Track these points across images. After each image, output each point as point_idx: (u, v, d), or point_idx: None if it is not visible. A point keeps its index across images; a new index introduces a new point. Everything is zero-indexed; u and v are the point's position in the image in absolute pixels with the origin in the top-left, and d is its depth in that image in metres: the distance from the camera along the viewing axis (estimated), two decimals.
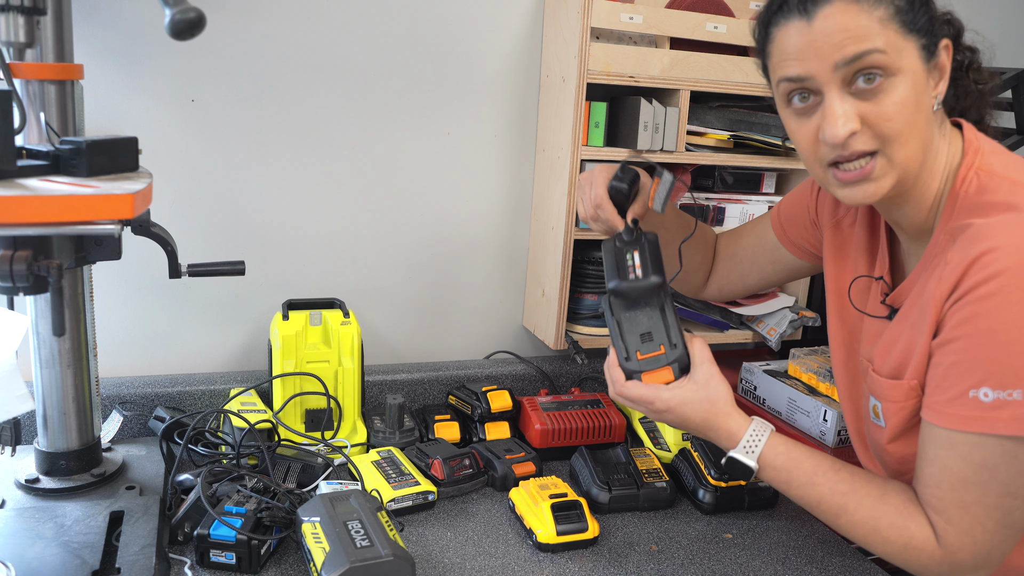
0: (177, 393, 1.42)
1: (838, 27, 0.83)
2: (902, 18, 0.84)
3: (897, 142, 0.85)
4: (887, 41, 0.83)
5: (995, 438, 0.81)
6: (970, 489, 0.84)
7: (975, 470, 0.83)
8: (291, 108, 1.46)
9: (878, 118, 0.84)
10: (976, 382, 0.81)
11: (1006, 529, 0.85)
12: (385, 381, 1.54)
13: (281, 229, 1.51)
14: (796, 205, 1.18)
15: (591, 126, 1.46)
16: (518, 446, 1.38)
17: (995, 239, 0.80)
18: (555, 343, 1.53)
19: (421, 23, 1.51)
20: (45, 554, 0.96)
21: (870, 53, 0.82)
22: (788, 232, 1.20)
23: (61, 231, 0.87)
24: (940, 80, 0.88)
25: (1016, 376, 0.79)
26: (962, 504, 0.85)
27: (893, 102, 0.84)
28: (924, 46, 0.85)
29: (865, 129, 0.85)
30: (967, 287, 0.81)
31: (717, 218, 1.59)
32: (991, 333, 0.80)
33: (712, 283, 1.33)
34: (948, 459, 0.85)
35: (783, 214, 1.21)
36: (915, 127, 0.85)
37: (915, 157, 0.87)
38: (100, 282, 1.36)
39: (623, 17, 1.41)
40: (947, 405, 0.84)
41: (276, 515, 1.07)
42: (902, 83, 0.84)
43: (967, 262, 0.81)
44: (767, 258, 1.25)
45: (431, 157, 1.57)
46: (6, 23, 0.95)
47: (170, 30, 0.88)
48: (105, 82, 1.34)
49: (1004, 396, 0.80)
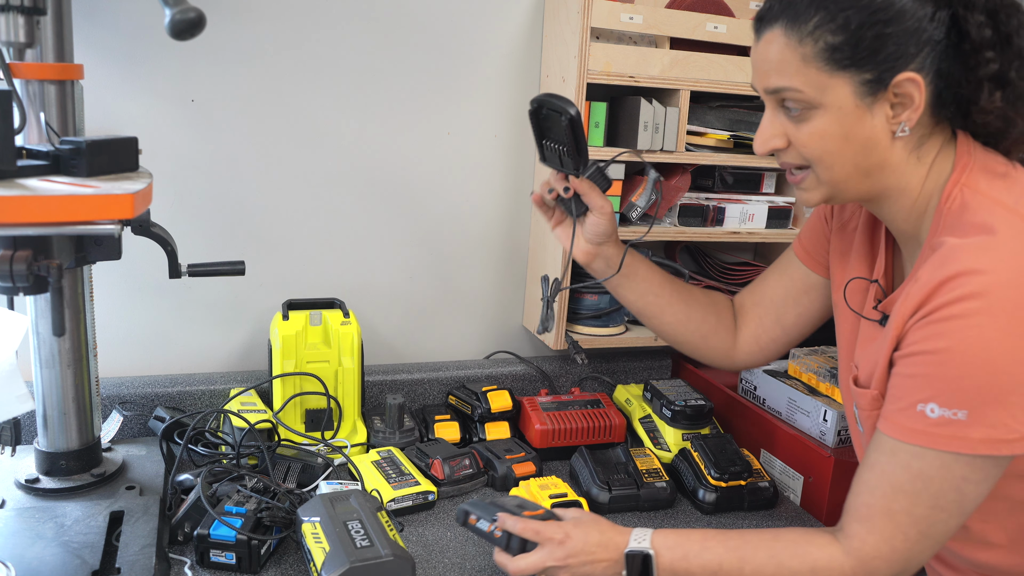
0: (177, 393, 1.42)
1: (765, 56, 0.90)
2: (833, 55, 0.86)
3: (820, 166, 0.91)
4: (806, 80, 0.87)
5: (935, 452, 0.84)
6: (900, 498, 0.86)
7: (910, 479, 0.85)
8: (291, 108, 1.46)
9: (798, 142, 0.91)
10: (926, 397, 0.83)
11: (927, 540, 0.87)
12: (385, 381, 1.54)
13: (281, 229, 1.51)
14: (815, 223, 1.18)
15: (591, 126, 1.46)
16: (518, 446, 1.38)
17: (966, 263, 0.81)
18: (555, 343, 1.53)
19: (421, 23, 1.50)
20: (45, 554, 0.96)
21: (785, 90, 0.89)
22: (812, 253, 1.17)
23: (61, 231, 0.87)
24: (906, 109, 0.87)
25: (964, 398, 0.81)
26: (889, 512, 0.87)
27: (809, 133, 0.89)
28: (867, 80, 0.86)
29: (791, 148, 0.92)
30: (932, 307, 0.83)
31: (717, 218, 1.59)
32: (948, 353, 0.82)
33: (743, 340, 1.25)
34: (888, 465, 0.87)
35: (804, 237, 1.19)
36: (841, 155, 0.89)
37: (846, 180, 0.91)
38: (100, 282, 1.36)
39: (623, 17, 1.41)
40: (896, 415, 0.87)
41: (276, 515, 1.07)
42: (823, 117, 0.88)
43: (935, 283, 0.83)
44: (799, 288, 1.19)
45: (431, 157, 1.57)
46: (6, 23, 0.95)
47: (170, 30, 0.88)
48: (105, 82, 1.34)
49: (949, 415, 0.82)
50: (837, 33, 0.85)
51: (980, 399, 0.81)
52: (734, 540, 0.95)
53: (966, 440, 0.82)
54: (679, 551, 0.95)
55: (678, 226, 1.57)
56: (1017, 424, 0.81)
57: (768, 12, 0.90)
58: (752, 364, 1.26)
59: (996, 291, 0.79)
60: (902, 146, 0.91)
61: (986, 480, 0.85)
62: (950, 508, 0.85)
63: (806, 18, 0.86)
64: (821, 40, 0.86)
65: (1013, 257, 0.81)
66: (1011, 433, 0.81)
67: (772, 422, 1.42)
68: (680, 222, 1.57)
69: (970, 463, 0.83)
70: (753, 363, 1.26)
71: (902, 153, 0.91)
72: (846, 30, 0.85)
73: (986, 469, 0.84)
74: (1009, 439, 0.81)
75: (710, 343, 1.25)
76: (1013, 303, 0.79)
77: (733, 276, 1.67)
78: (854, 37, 0.85)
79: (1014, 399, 0.80)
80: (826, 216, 1.15)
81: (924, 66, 0.86)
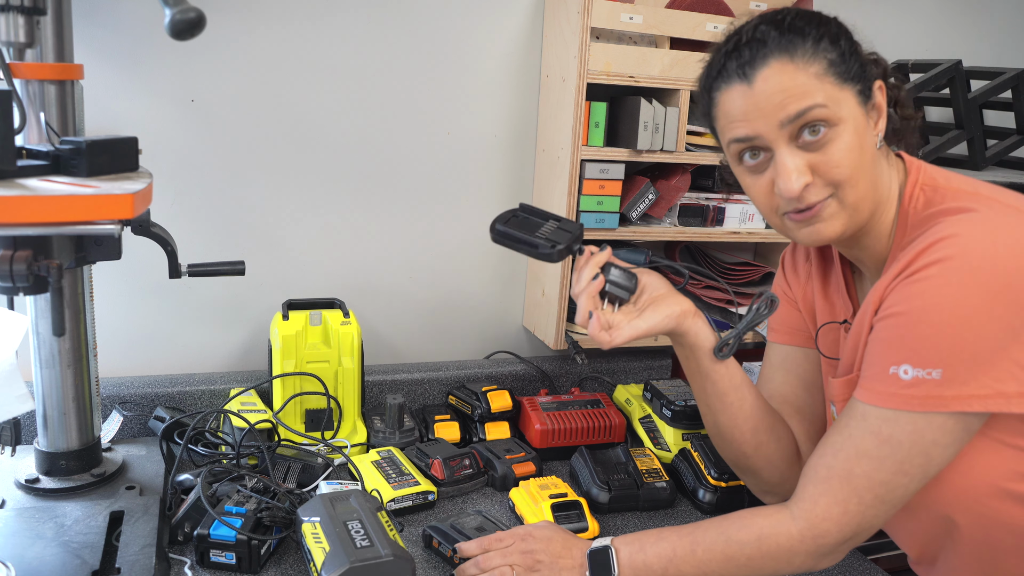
0: (177, 393, 1.42)
1: (778, 88, 0.87)
2: (836, 70, 0.88)
3: (847, 185, 0.89)
4: (826, 95, 0.87)
5: (907, 414, 0.84)
6: (863, 462, 0.86)
7: (878, 444, 0.85)
8: (291, 108, 1.46)
9: (827, 167, 0.88)
10: (900, 359, 0.83)
11: (883, 504, 0.87)
12: (385, 381, 1.54)
13: (281, 229, 1.51)
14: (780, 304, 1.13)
15: (591, 126, 1.46)
16: (518, 446, 1.38)
17: (950, 230, 0.83)
18: (555, 343, 1.53)
19: (421, 23, 1.51)
20: (45, 554, 0.96)
21: (812, 108, 0.86)
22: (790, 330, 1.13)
23: (61, 231, 0.87)
24: (879, 118, 0.91)
25: (939, 356, 0.81)
26: (848, 475, 0.87)
27: (839, 149, 0.88)
28: (860, 91, 0.89)
29: (816, 179, 0.89)
30: (913, 268, 0.83)
31: (717, 218, 1.59)
32: (923, 311, 0.82)
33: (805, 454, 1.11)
34: (856, 429, 0.87)
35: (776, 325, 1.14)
36: (862, 169, 0.89)
37: (866, 196, 0.91)
38: (100, 282, 1.36)
39: (623, 17, 1.41)
40: (869, 380, 0.87)
41: (276, 515, 1.07)
42: (845, 131, 0.88)
43: (919, 249, 0.84)
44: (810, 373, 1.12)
45: (431, 157, 1.57)
46: (6, 23, 0.95)
47: (170, 30, 0.88)
48: (105, 82, 1.34)
49: (923, 374, 0.82)
50: (831, 50, 0.88)
51: (954, 357, 0.81)
52: (688, 528, 0.97)
53: (940, 399, 0.82)
54: (636, 544, 0.97)
55: (678, 226, 1.57)
56: (991, 380, 0.81)
57: (755, 54, 0.88)
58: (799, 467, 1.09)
59: (972, 250, 0.80)
60: (882, 155, 0.94)
61: (954, 444, 0.85)
62: (913, 472, 0.85)
63: (801, 40, 0.88)
64: (823, 57, 0.87)
65: (991, 223, 0.83)
66: (984, 389, 0.81)
67: None
68: (680, 222, 1.57)
69: (942, 425, 0.83)
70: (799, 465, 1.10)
71: (883, 163, 0.94)
72: (837, 45, 0.88)
73: (956, 431, 0.84)
74: (982, 395, 0.81)
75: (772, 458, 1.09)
76: (989, 261, 0.80)
77: (733, 276, 1.67)
78: (842, 50, 0.88)
79: (987, 356, 0.80)
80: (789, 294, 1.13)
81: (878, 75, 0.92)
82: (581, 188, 1.46)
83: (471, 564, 1.02)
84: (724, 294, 1.65)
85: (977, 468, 0.88)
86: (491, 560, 1.01)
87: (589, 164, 1.46)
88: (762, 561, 0.91)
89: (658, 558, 0.95)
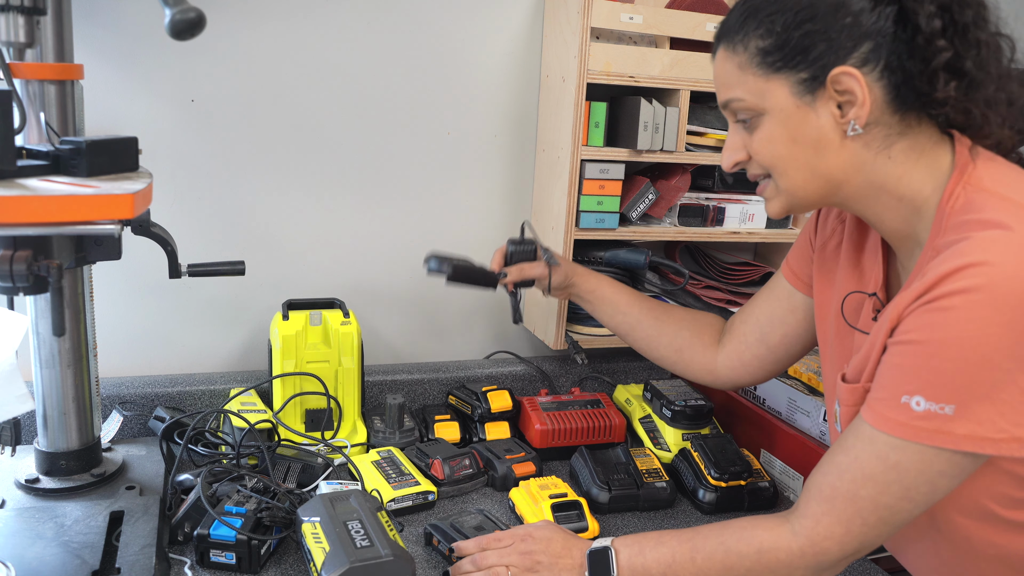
0: (177, 393, 1.42)
1: (716, 74, 0.94)
2: (765, 59, 0.88)
3: (775, 172, 0.92)
4: (744, 87, 0.90)
5: (916, 445, 0.82)
6: (869, 485, 0.85)
7: (885, 469, 0.84)
8: (291, 108, 1.46)
9: (753, 151, 0.93)
10: (913, 389, 0.82)
11: (885, 526, 0.86)
12: (385, 381, 1.54)
13: (281, 229, 1.51)
14: (801, 244, 1.16)
15: (591, 126, 1.46)
16: (518, 446, 1.38)
17: (976, 255, 0.79)
18: (555, 343, 1.53)
19: (421, 23, 1.51)
20: (45, 554, 0.96)
21: (732, 101, 0.92)
22: (798, 273, 1.16)
23: (61, 231, 0.87)
24: (853, 106, 0.86)
25: (953, 392, 0.79)
26: (853, 497, 0.86)
27: (759, 139, 0.91)
28: (803, 80, 0.87)
29: (752, 159, 0.94)
30: (935, 295, 0.80)
31: (717, 218, 1.59)
32: (942, 344, 0.79)
33: (725, 356, 1.23)
34: (863, 452, 0.86)
35: (791, 257, 1.18)
36: (793, 159, 0.90)
37: (804, 185, 0.91)
38: (100, 282, 1.36)
39: (623, 17, 1.41)
40: (879, 404, 0.85)
41: (276, 515, 1.07)
42: (768, 121, 0.90)
43: (944, 272, 0.80)
44: (784, 307, 1.18)
45: (431, 157, 1.57)
46: (6, 23, 0.95)
47: (170, 30, 0.88)
48: (105, 82, 1.34)
49: (936, 409, 0.80)
50: (765, 37, 0.87)
51: (970, 394, 0.79)
52: (687, 533, 0.97)
53: (950, 435, 0.80)
54: (636, 547, 0.97)
55: (678, 226, 1.57)
56: (1006, 423, 0.78)
57: (716, 37, 0.94)
58: (735, 381, 1.24)
59: (1000, 284, 0.77)
60: (862, 146, 0.88)
61: (960, 475, 0.84)
62: (919, 500, 0.85)
63: (736, 28, 0.90)
64: (751, 46, 0.88)
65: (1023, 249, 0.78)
66: (998, 432, 0.79)
67: (772, 422, 1.43)
68: (680, 222, 1.57)
69: (950, 459, 0.82)
70: (736, 380, 1.24)
71: (864, 153, 0.89)
72: (773, 33, 0.87)
73: (963, 465, 0.82)
74: (995, 438, 0.79)
75: (685, 357, 1.26)
76: (1016, 298, 0.76)
77: (733, 276, 1.66)
78: (781, 39, 0.87)
79: (1005, 397, 0.78)
80: (810, 236, 1.14)
81: (869, 60, 0.84)
82: (581, 188, 1.46)
83: (467, 562, 1.02)
84: (724, 294, 1.65)
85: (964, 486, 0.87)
86: (488, 559, 1.01)
87: (589, 164, 1.46)
88: (761, 574, 0.91)
89: (657, 563, 0.95)
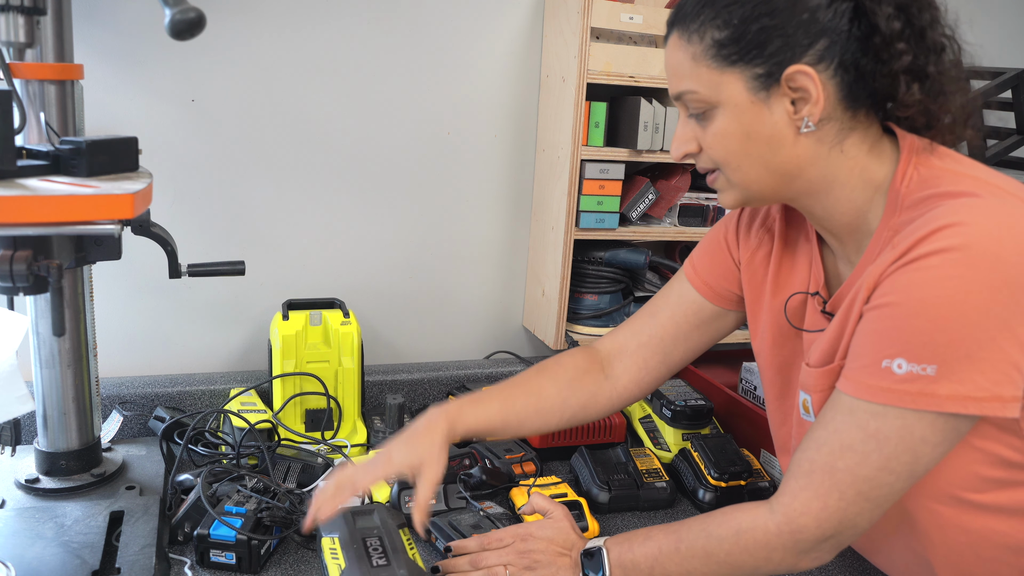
0: (177, 393, 1.42)
1: (668, 63, 0.91)
2: (720, 52, 0.85)
3: (727, 167, 0.90)
4: (698, 80, 0.87)
5: (897, 410, 0.80)
6: (848, 456, 0.83)
7: (864, 438, 0.82)
8: (291, 107, 1.46)
9: (704, 144, 0.91)
10: (894, 352, 0.80)
11: (865, 502, 0.84)
12: (385, 381, 1.54)
13: (281, 229, 1.51)
14: (717, 257, 1.12)
15: (591, 126, 1.46)
16: (518, 446, 1.38)
17: (954, 217, 0.78)
18: (555, 343, 1.53)
19: (421, 23, 1.51)
20: (45, 554, 0.96)
21: (686, 93, 0.89)
22: (716, 288, 1.11)
23: (61, 231, 0.87)
24: (806, 104, 0.85)
25: (935, 352, 0.78)
26: (831, 469, 0.84)
27: (713, 133, 0.89)
28: (758, 75, 0.85)
29: (702, 152, 0.91)
30: (914, 255, 0.79)
31: (717, 218, 1.59)
32: (922, 303, 0.78)
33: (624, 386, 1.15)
34: (842, 423, 0.84)
35: (703, 272, 1.12)
36: (746, 154, 0.88)
37: (756, 180, 0.90)
38: (100, 282, 1.36)
39: (623, 17, 1.42)
40: (858, 372, 0.83)
41: (276, 515, 1.07)
42: (721, 115, 0.87)
43: (921, 235, 0.79)
44: (691, 323, 1.13)
45: (431, 157, 1.57)
46: (6, 23, 0.95)
47: (170, 30, 0.88)
48: (105, 82, 1.34)
49: (918, 370, 0.78)
50: (722, 29, 0.85)
51: (952, 353, 0.77)
52: (675, 525, 0.97)
53: (933, 397, 0.78)
54: (625, 544, 0.97)
55: (678, 226, 1.57)
56: (987, 382, 0.77)
57: (669, 22, 0.91)
58: (632, 402, 1.18)
59: (978, 243, 0.76)
60: (815, 141, 0.88)
61: (943, 443, 0.81)
62: (900, 471, 0.82)
63: (692, 17, 0.87)
64: (707, 37, 0.86)
65: (996, 213, 0.78)
66: (980, 391, 0.77)
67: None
68: (680, 222, 1.57)
69: (932, 423, 0.80)
70: (633, 401, 1.18)
71: (818, 148, 0.88)
72: (730, 25, 0.84)
73: (946, 430, 0.81)
74: (978, 397, 0.77)
75: (589, 412, 1.16)
76: (993, 255, 0.76)
77: None
78: (738, 31, 0.84)
79: (986, 355, 0.77)
80: (730, 253, 1.10)
81: (824, 57, 0.84)
82: (581, 188, 1.46)
83: (465, 560, 1.02)
84: None
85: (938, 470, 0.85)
86: (487, 558, 1.01)
87: (589, 164, 1.46)
88: (741, 556, 0.90)
89: (645, 557, 0.95)
